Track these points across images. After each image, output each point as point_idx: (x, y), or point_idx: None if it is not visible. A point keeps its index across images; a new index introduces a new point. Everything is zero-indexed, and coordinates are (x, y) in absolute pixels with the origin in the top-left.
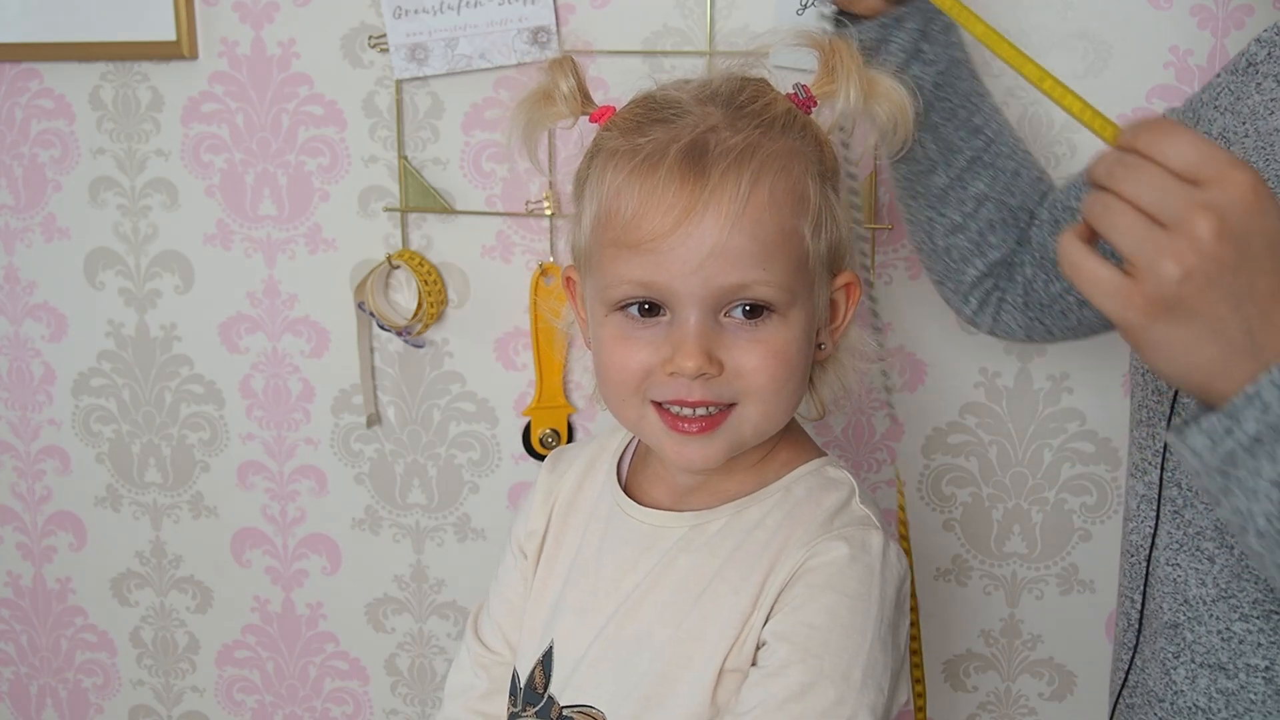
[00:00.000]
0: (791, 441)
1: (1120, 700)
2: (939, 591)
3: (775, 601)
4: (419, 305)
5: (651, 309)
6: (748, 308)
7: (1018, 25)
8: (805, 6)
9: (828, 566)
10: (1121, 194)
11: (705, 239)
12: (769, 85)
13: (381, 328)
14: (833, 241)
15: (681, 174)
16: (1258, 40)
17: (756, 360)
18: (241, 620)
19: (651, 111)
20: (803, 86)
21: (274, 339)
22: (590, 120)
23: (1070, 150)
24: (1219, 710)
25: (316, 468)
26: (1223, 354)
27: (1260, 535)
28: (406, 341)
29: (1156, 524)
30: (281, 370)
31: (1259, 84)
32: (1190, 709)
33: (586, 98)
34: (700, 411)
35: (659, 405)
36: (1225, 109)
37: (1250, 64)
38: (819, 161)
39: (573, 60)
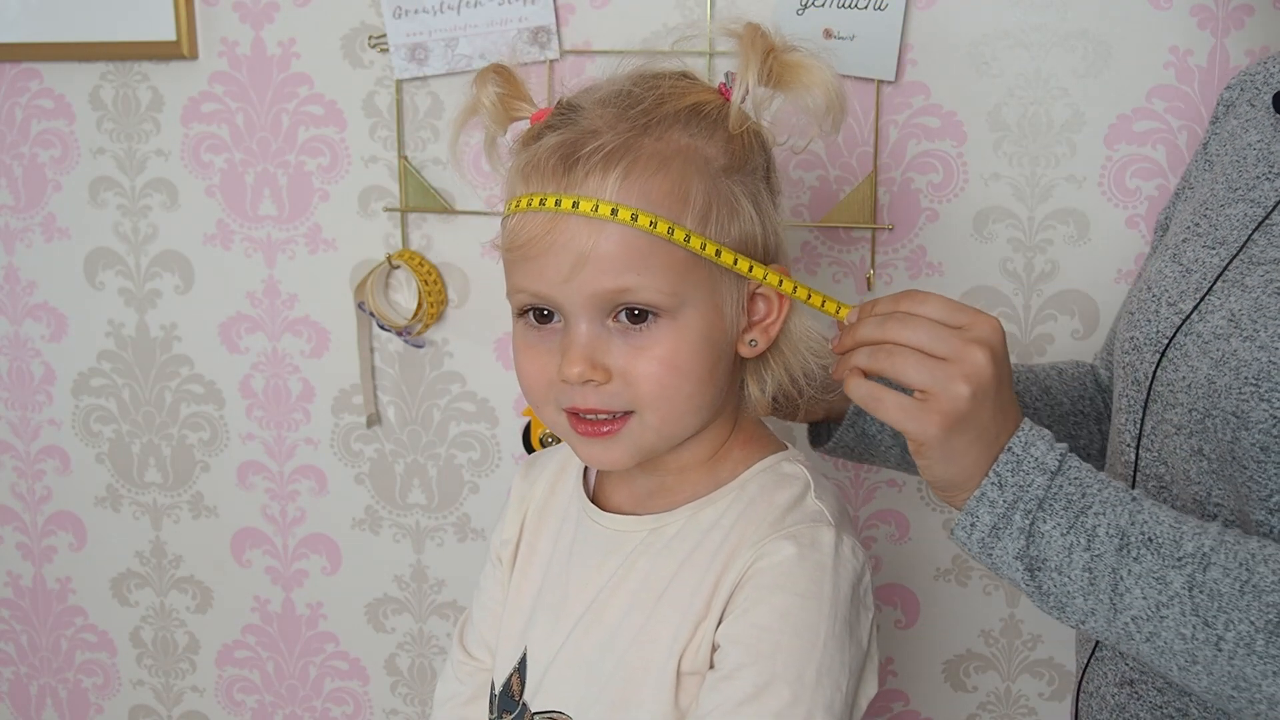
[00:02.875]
0: (746, 438)
1: (1092, 657)
2: (939, 591)
3: (727, 603)
4: (419, 305)
5: (547, 315)
6: (635, 312)
7: (1018, 25)
8: (805, 6)
9: (776, 567)
10: (899, 341)
11: (574, 244)
12: (683, 79)
13: (381, 328)
14: (740, 237)
15: (554, 180)
16: (1228, 88)
17: (643, 366)
18: (241, 620)
19: (554, 118)
20: (732, 75)
21: (274, 339)
22: (531, 123)
23: (1070, 149)
24: None
25: (316, 468)
26: (983, 454)
27: (1030, 596)
28: (406, 341)
29: None
30: (281, 370)
31: (1237, 113)
32: None
33: (520, 103)
34: (603, 415)
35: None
36: (1216, 152)
37: (1228, 107)
38: (724, 156)
39: (499, 70)
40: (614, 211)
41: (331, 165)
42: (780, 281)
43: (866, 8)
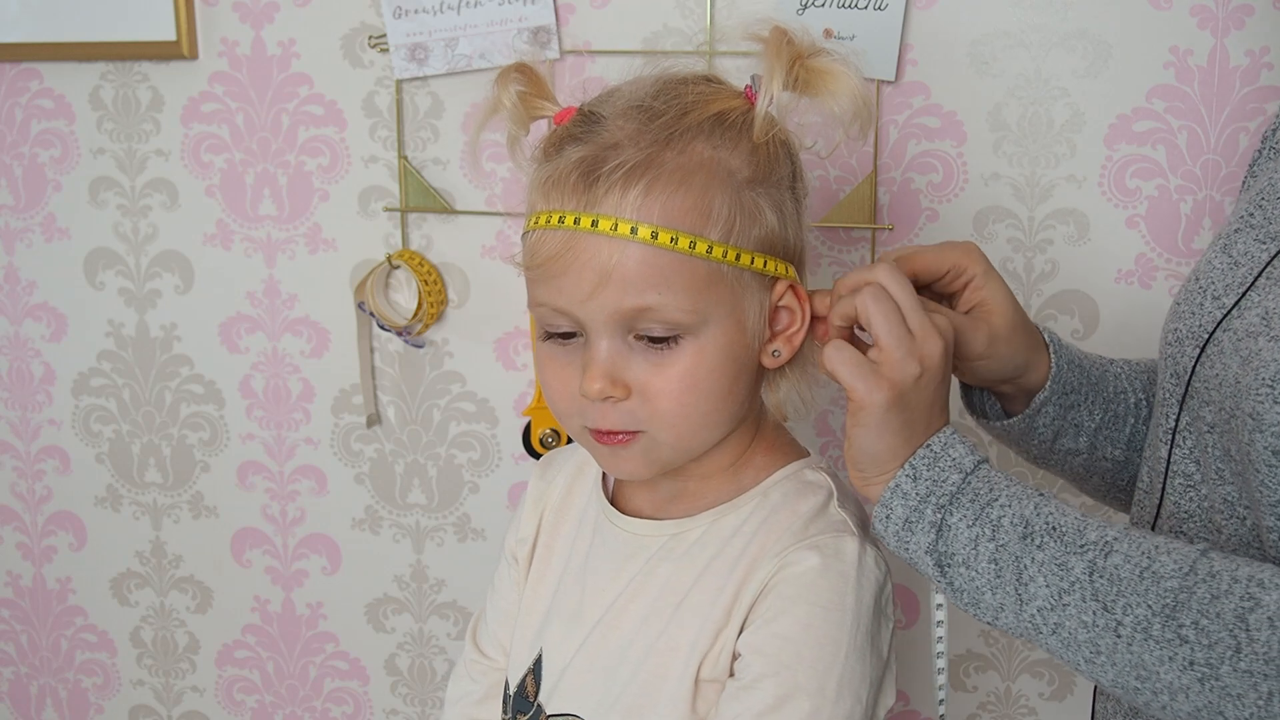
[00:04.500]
0: (769, 445)
1: None
2: None
3: (749, 612)
4: (419, 305)
5: (570, 331)
6: (653, 333)
7: (1018, 25)
8: (805, 6)
9: (799, 578)
10: (886, 286)
11: (595, 263)
12: (707, 84)
13: (381, 328)
14: (759, 244)
15: (574, 196)
16: None
17: (661, 384)
18: (241, 620)
19: (575, 127)
20: (758, 78)
21: (274, 339)
22: (554, 123)
23: (1070, 149)
24: None
25: (316, 468)
26: (907, 441)
27: (944, 592)
28: (406, 341)
29: (1162, 496)
30: (281, 370)
31: None
32: None
33: (543, 101)
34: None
35: None
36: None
37: None
38: (748, 167)
39: (521, 68)
40: (634, 230)
41: (331, 165)
42: (787, 269)
43: (866, 8)
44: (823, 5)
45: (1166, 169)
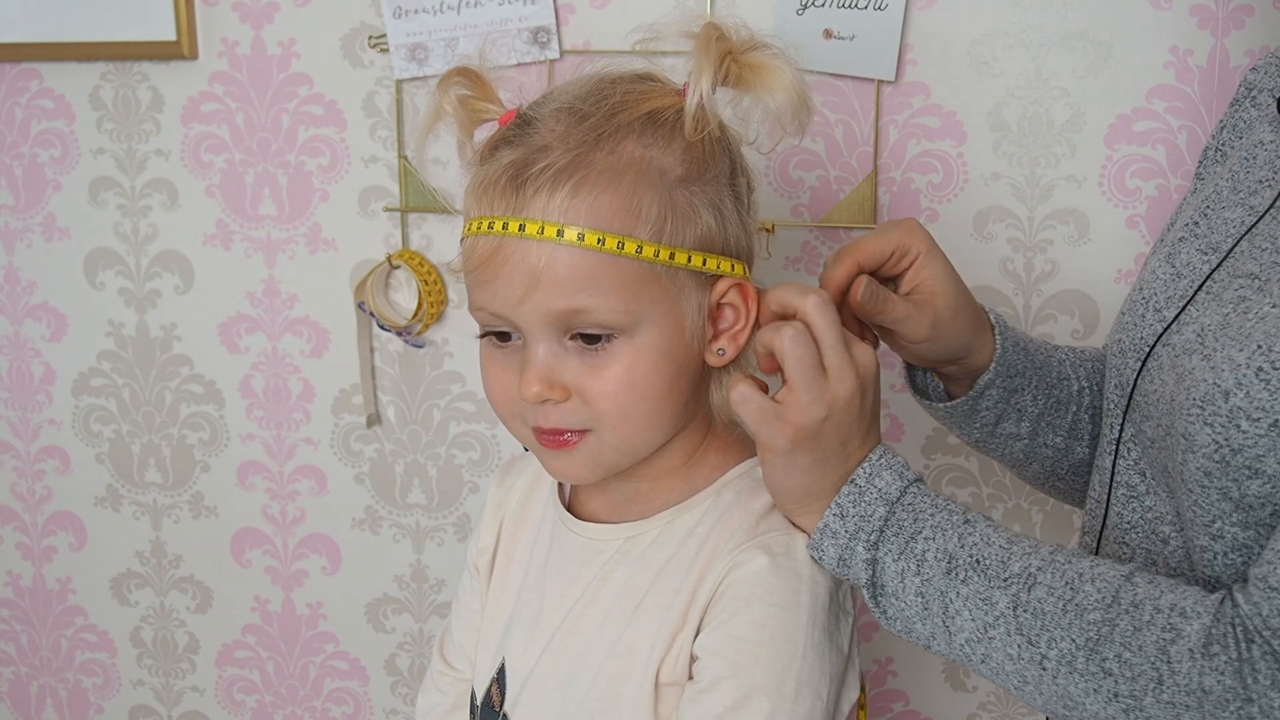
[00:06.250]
0: (721, 443)
1: None
2: None
3: (704, 614)
4: (419, 305)
5: (507, 333)
6: (591, 331)
7: (1018, 25)
8: (805, 6)
9: (751, 578)
10: (811, 321)
11: (525, 265)
12: (641, 83)
13: (381, 328)
14: (696, 244)
15: (504, 200)
16: (1253, 70)
17: (600, 385)
18: (241, 620)
19: (509, 131)
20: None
21: (274, 339)
22: (499, 125)
23: (1070, 149)
24: None
25: (316, 468)
26: (822, 478)
27: (881, 621)
28: (406, 341)
29: (1107, 507)
30: (281, 370)
31: (1254, 99)
32: None
33: (486, 104)
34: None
35: None
36: (1228, 140)
37: (1250, 90)
38: (681, 165)
39: (463, 72)
40: (560, 232)
41: (331, 165)
42: (733, 267)
43: (866, 8)
44: (823, 5)
45: (1166, 169)
